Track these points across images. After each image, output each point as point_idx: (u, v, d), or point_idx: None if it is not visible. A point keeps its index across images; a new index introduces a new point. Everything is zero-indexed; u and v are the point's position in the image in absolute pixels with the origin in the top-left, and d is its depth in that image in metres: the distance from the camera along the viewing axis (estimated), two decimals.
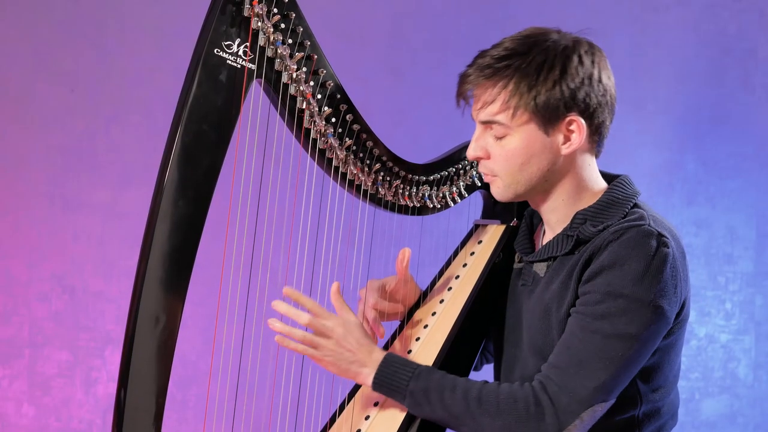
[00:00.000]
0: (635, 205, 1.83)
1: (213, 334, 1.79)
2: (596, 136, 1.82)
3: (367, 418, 1.88)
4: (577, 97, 1.76)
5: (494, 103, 1.78)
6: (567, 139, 1.79)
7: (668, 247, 1.73)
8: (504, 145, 1.80)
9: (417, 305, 2.04)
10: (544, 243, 1.90)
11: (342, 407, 1.94)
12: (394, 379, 1.80)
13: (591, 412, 1.71)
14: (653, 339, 1.73)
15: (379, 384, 1.81)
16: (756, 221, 3.52)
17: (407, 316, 2.02)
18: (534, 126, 1.78)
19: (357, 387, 1.96)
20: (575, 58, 1.77)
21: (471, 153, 1.84)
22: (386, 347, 1.97)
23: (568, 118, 1.78)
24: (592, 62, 1.78)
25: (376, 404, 1.89)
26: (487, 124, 1.80)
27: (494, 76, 1.77)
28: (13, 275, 3.09)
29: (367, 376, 1.82)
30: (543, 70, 1.75)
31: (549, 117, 1.77)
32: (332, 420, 1.93)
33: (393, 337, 2.00)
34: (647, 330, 1.71)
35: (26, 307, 3.10)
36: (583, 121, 1.78)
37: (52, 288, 3.11)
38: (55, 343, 3.11)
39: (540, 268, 1.87)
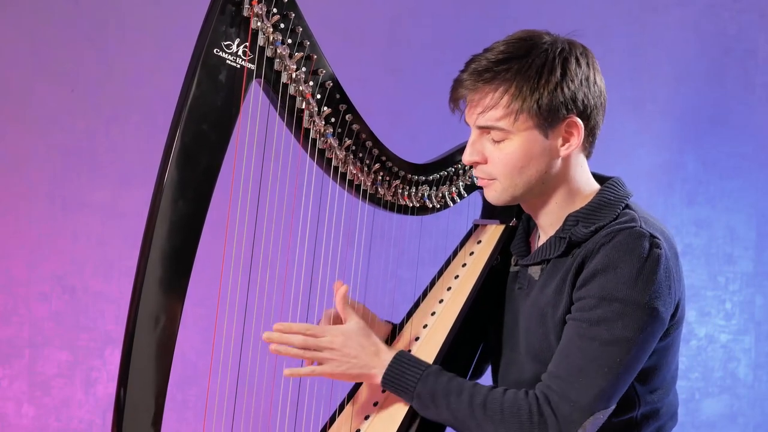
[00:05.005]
0: (627, 206, 1.82)
1: (212, 333, 1.79)
2: (591, 137, 1.82)
3: (366, 417, 1.88)
4: (577, 99, 1.76)
5: (496, 108, 1.75)
6: (566, 141, 1.79)
7: (660, 248, 1.72)
8: (503, 149, 1.78)
9: (416, 305, 2.04)
10: (538, 246, 1.89)
11: (342, 407, 1.94)
12: (402, 379, 1.80)
13: (593, 420, 1.70)
14: (650, 342, 1.73)
15: (388, 383, 1.82)
16: (756, 221, 3.52)
17: (406, 317, 2.02)
18: (534, 129, 1.76)
19: (356, 387, 1.96)
20: (573, 60, 1.76)
21: (467, 158, 1.82)
22: None
23: (567, 120, 1.77)
24: (587, 64, 1.78)
25: (375, 404, 1.90)
26: (486, 129, 1.79)
27: (494, 80, 1.75)
28: (13, 275, 3.09)
29: (377, 377, 1.82)
30: (544, 73, 1.74)
31: (550, 119, 1.76)
32: (332, 420, 1.93)
33: (393, 337, 2.00)
34: (643, 333, 1.70)
35: (26, 307, 3.10)
36: (581, 123, 1.78)
37: (52, 288, 3.11)
38: (55, 343, 3.11)
39: (534, 272, 1.87)
